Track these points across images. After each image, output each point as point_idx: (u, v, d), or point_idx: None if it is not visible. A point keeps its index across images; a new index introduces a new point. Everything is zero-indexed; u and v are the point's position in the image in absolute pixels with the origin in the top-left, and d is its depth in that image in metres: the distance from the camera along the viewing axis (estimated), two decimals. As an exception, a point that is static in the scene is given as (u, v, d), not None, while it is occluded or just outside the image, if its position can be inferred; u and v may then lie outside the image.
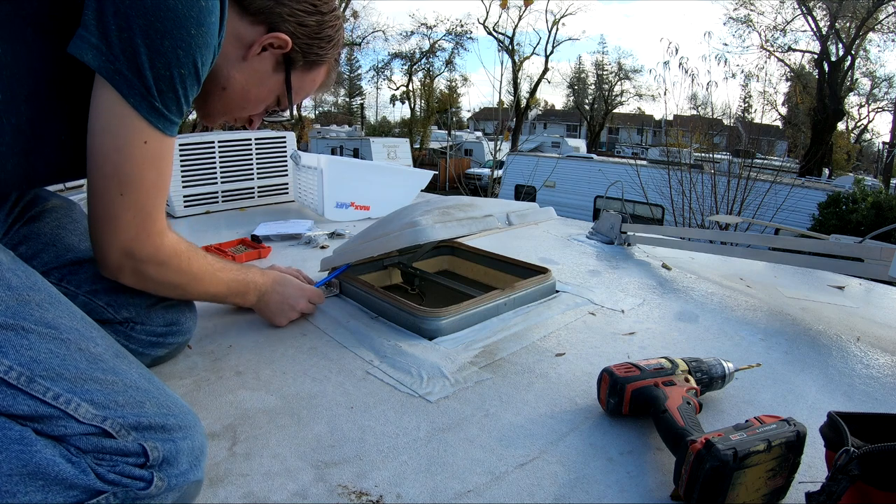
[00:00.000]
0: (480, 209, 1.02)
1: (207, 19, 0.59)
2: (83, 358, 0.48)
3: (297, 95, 0.83)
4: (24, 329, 0.46)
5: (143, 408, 0.48)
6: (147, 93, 0.58)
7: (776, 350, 0.94)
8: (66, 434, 0.44)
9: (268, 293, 0.95)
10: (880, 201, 6.30)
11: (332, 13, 0.80)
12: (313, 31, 0.77)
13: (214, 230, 1.71)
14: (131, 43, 0.55)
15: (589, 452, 0.64)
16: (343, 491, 0.57)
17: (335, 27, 0.81)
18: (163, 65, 0.57)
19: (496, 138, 7.23)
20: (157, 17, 0.55)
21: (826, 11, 15.48)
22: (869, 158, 24.91)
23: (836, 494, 0.46)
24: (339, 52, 0.86)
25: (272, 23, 0.73)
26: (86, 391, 0.46)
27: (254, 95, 0.79)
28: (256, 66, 0.75)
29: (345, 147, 14.87)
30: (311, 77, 0.83)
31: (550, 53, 23.70)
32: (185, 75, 0.60)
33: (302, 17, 0.75)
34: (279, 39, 0.73)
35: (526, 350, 0.90)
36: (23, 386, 0.44)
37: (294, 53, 0.77)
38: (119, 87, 0.57)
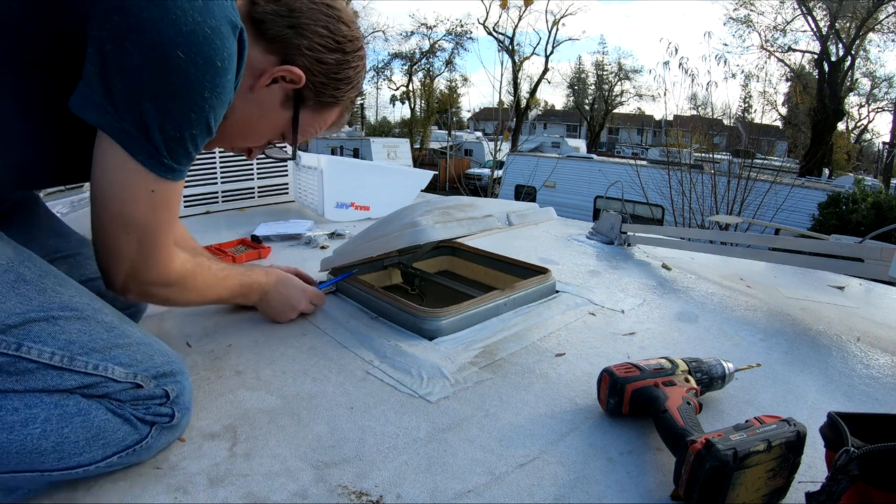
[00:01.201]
0: (480, 209, 1.02)
1: (223, 79, 0.55)
2: (103, 329, 0.56)
3: (303, 134, 0.77)
4: (53, 317, 0.53)
5: (154, 360, 0.59)
6: (156, 152, 0.55)
7: (776, 350, 0.94)
8: (109, 392, 0.55)
9: (270, 292, 0.95)
10: (880, 201, 6.29)
11: (355, 53, 0.73)
12: (331, 70, 0.71)
13: (214, 230, 1.71)
14: (137, 105, 0.52)
15: (589, 452, 0.64)
16: (343, 491, 0.57)
17: (357, 68, 0.74)
18: (173, 127, 0.54)
19: (496, 138, 7.23)
20: (168, 81, 0.51)
21: (826, 11, 15.48)
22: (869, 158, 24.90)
23: (835, 494, 0.46)
24: (357, 93, 0.79)
25: (287, 54, 0.67)
26: (114, 356, 0.55)
27: (256, 128, 0.74)
28: (263, 97, 0.69)
29: (345, 147, 14.87)
30: (322, 117, 0.77)
31: (550, 53, 23.72)
32: (196, 134, 0.57)
33: (321, 54, 0.69)
34: (292, 73, 0.67)
35: (526, 350, 0.90)
36: (66, 365, 0.52)
37: (306, 90, 0.71)
38: (126, 145, 0.54)
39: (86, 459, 0.53)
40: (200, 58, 0.51)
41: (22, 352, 0.50)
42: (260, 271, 0.95)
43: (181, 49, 0.50)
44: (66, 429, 0.51)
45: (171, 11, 0.50)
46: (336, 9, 0.71)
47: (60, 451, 0.51)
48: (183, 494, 0.55)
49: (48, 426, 0.50)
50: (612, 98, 29.88)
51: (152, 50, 0.50)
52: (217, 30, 0.52)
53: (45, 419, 0.50)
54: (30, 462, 0.51)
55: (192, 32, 0.51)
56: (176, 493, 0.55)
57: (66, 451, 0.51)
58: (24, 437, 0.49)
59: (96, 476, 0.57)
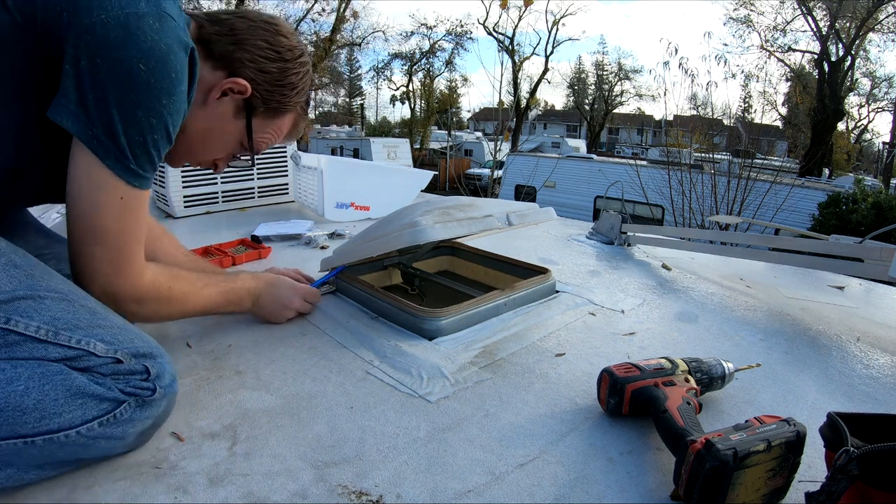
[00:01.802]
0: (480, 209, 1.02)
1: (178, 88, 0.63)
2: (86, 311, 0.61)
3: (261, 142, 0.84)
4: (39, 297, 0.58)
5: (135, 342, 0.62)
6: (122, 156, 0.62)
7: (776, 350, 0.94)
8: (90, 366, 0.58)
9: (261, 296, 0.94)
10: (880, 201, 6.29)
11: (297, 60, 0.81)
12: (274, 79, 0.78)
13: (214, 230, 1.71)
14: (107, 112, 0.59)
15: (589, 452, 0.64)
16: (343, 491, 0.57)
17: (299, 74, 0.82)
18: (136, 132, 0.62)
19: (496, 138, 7.22)
20: (131, 90, 0.59)
21: (826, 11, 15.48)
22: (869, 158, 24.91)
23: (835, 494, 0.46)
24: (307, 99, 0.87)
25: (233, 68, 0.75)
26: (96, 334, 0.59)
27: (215, 140, 0.81)
28: (217, 110, 0.77)
29: (345, 147, 14.88)
30: (275, 124, 0.84)
31: (550, 54, 23.72)
32: (157, 139, 0.64)
33: (263, 64, 0.77)
34: (238, 85, 0.75)
35: (526, 350, 0.90)
36: (51, 339, 0.56)
37: (255, 99, 0.78)
38: (96, 150, 0.61)
39: (66, 421, 0.54)
40: (158, 70, 0.60)
41: (10, 325, 0.55)
42: (246, 276, 0.94)
43: (142, 63, 0.59)
44: (48, 386, 0.54)
45: (132, 32, 0.59)
46: (273, 24, 0.80)
47: (41, 409, 0.53)
48: (183, 494, 0.55)
49: (31, 383, 0.53)
50: (612, 98, 29.90)
51: (118, 64, 0.58)
52: (170, 47, 0.61)
53: (29, 377, 0.53)
54: (12, 422, 0.52)
55: (151, 49, 0.60)
56: (176, 493, 0.55)
57: (47, 409, 0.53)
58: (7, 393, 0.52)
59: (95, 475, 0.58)
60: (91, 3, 0.58)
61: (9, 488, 0.55)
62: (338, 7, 18.42)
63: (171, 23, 0.62)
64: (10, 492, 0.55)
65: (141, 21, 0.59)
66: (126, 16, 0.59)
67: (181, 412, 0.69)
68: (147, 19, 0.60)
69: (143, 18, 0.59)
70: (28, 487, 0.56)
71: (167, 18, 0.62)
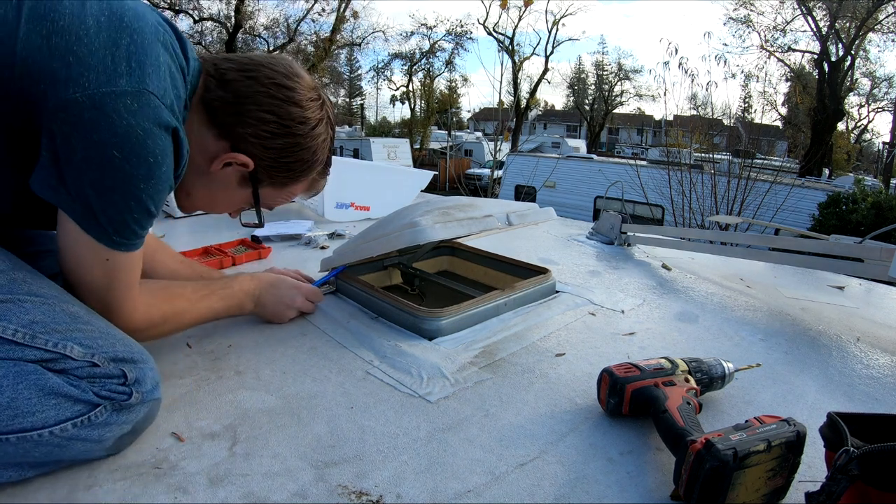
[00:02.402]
0: (480, 209, 1.02)
1: (158, 171, 0.61)
2: (66, 315, 0.60)
3: (270, 206, 0.81)
4: (19, 300, 0.57)
5: (115, 346, 0.61)
6: (104, 232, 0.61)
7: (776, 350, 0.94)
8: (66, 368, 0.57)
9: (263, 296, 0.94)
10: (880, 201, 6.30)
11: (310, 133, 0.73)
12: (280, 155, 0.72)
13: (215, 230, 1.71)
14: (83, 192, 0.58)
15: (589, 452, 0.64)
16: (343, 491, 0.57)
17: (311, 149, 0.75)
18: (115, 212, 0.60)
19: (496, 138, 7.22)
20: (106, 175, 0.57)
21: (826, 11, 15.48)
22: (869, 158, 24.90)
23: (835, 494, 0.46)
24: (326, 165, 0.81)
25: (234, 141, 0.70)
26: (74, 338, 0.58)
27: (221, 202, 0.79)
28: (220, 178, 0.74)
29: (345, 147, 14.88)
30: (285, 191, 0.80)
31: (550, 54, 23.72)
32: (137, 218, 0.62)
33: (267, 140, 0.71)
34: (239, 160, 0.71)
35: (526, 350, 0.90)
36: (27, 342, 0.55)
37: (259, 173, 0.74)
38: (79, 221, 0.60)
39: (39, 420, 0.54)
40: (133, 156, 0.58)
41: None
42: (245, 278, 0.93)
43: (115, 149, 0.56)
44: (21, 384, 0.53)
45: (107, 114, 0.55)
46: (289, 88, 0.71)
47: (15, 407, 0.52)
48: (183, 494, 0.55)
49: (5, 382, 0.53)
50: (612, 98, 29.90)
51: (92, 148, 0.56)
52: (149, 131, 0.58)
53: (3, 375, 0.53)
54: None
55: (126, 133, 0.57)
56: (176, 493, 0.55)
57: (21, 407, 0.53)
58: None
59: (95, 475, 0.58)
60: (69, 77, 0.54)
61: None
62: (338, 7, 18.42)
63: (152, 102, 0.58)
64: (10, 492, 0.55)
65: (117, 102, 0.56)
66: (102, 95, 0.55)
67: (181, 412, 0.69)
68: (124, 99, 0.56)
69: (119, 99, 0.56)
70: (28, 488, 0.56)
71: (148, 97, 0.58)
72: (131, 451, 0.62)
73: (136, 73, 0.58)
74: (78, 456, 0.58)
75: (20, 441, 0.53)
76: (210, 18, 16.63)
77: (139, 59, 0.58)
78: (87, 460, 0.60)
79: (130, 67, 0.57)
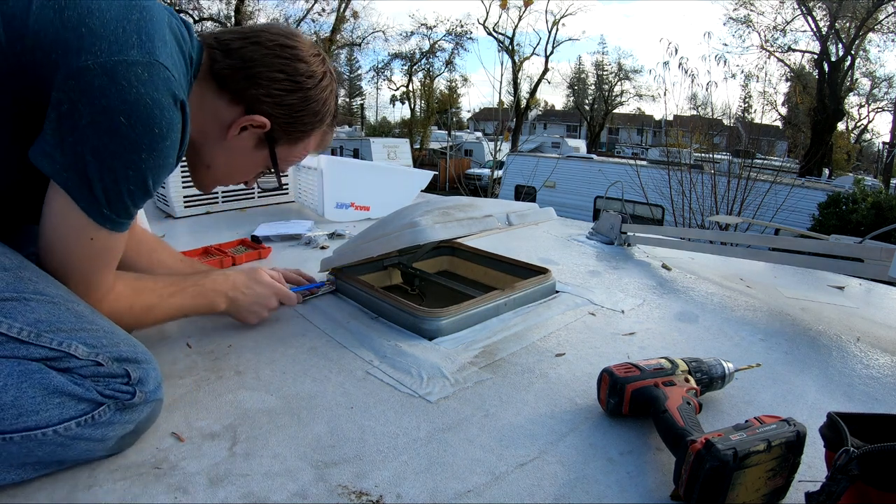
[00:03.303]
0: (480, 209, 1.02)
1: (161, 144, 0.61)
2: (71, 314, 0.60)
3: (286, 165, 0.83)
4: (25, 299, 0.58)
5: (119, 346, 0.62)
6: (96, 202, 0.61)
7: (776, 350, 0.94)
8: (71, 367, 0.58)
9: (236, 296, 0.91)
10: (880, 201, 6.29)
11: (318, 86, 0.77)
12: (294, 110, 0.75)
13: (215, 230, 1.71)
14: (83, 158, 0.58)
15: (589, 452, 0.64)
16: (343, 491, 0.57)
17: (321, 100, 0.78)
18: (111, 180, 0.60)
19: (496, 138, 7.22)
20: (110, 140, 0.58)
21: (826, 11, 15.48)
22: (869, 158, 24.91)
23: (835, 494, 0.46)
24: (334, 115, 0.83)
25: (249, 104, 0.73)
26: (79, 337, 0.59)
27: (240, 170, 0.81)
28: (237, 144, 0.76)
29: (345, 147, 14.87)
30: (300, 147, 0.82)
31: (550, 54, 23.71)
32: (133, 191, 0.62)
33: (280, 97, 0.73)
34: (256, 121, 0.73)
35: (526, 350, 0.90)
36: (33, 340, 0.56)
37: (276, 131, 0.76)
38: (71, 192, 0.60)
39: (43, 419, 0.54)
40: (140, 124, 0.58)
41: None
42: (218, 276, 0.90)
43: (123, 115, 0.57)
44: (25, 384, 0.54)
45: (118, 82, 0.56)
46: (291, 48, 0.75)
47: (19, 406, 0.53)
48: (183, 494, 0.55)
49: (9, 381, 0.53)
50: (612, 98, 29.90)
51: (100, 114, 0.56)
52: (157, 101, 0.59)
53: (7, 374, 0.53)
54: None
55: (135, 101, 0.57)
56: (176, 493, 0.55)
57: (24, 406, 0.53)
58: None
59: (95, 475, 0.58)
60: (81, 47, 0.56)
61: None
62: (338, 7, 18.44)
63: (162, 73, 0.59)
64: (10, 492, 0.55)
65: (129, 71, 0.57)
66: (114, 64, 0.56)
67: (181, 412, 0.69)
68: (135, 69, 0.57)
69: (130, 67, 0.57)
70: (28, 488, 0.56)
71: (158, 68, 0.59)
72: (131, 451, 0.62)
73: (146, 45, 0.59)
74: (80, 455, 0.59)
75: (24, 440, 0.54)
76: (210, 18, 16.65)
77: (149, 32, 0.60)
78: (88, 460, 0.60)
79: (141, 39, 0.59)
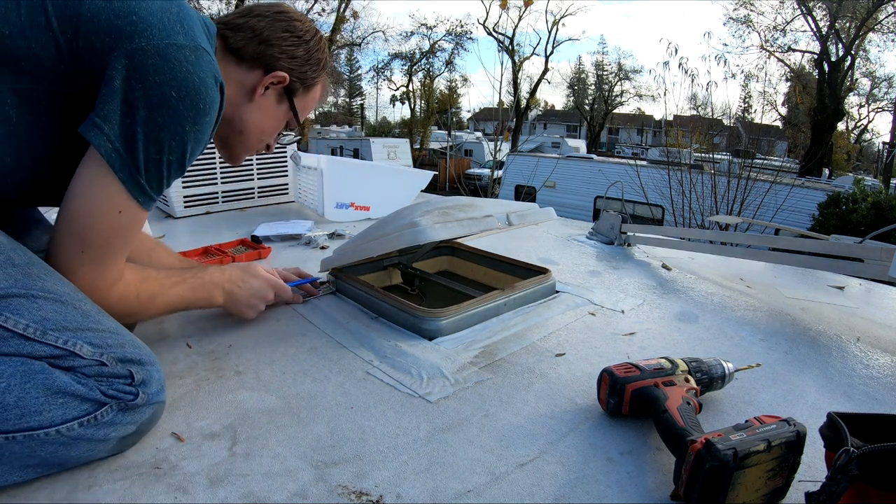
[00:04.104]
0: (480, 209, 1.02)
1: (203, 119, 0.67)
2: (78, 313, 0.61)
3: (303, 114, 0.91)
4: (33, 296, 0.59)
5: (124, 347, 0.63)
6: (136, 170, 0.65)
7: (776, 350, 0.94)
8: (74, 366, 0.59)
9: (232, 289, 0.92)
10: (880, 201, 6.29)
11: (314, 38, 0.88)
12: (304, 60, 0.86)
13: (215, 230, 1.71)
14: (131, 128, 0.62)
15: (589, 452, 0.64)
16: (343, 491, 0.57)
17: (321, 49, 0.89)
18: (155, 150, 0.65)
19: (496, 139, 7.22)
20: (159, 112, 0.63)
21: (826, 11, 15.48)
22: (869, 158, 24.91)
23: (835, 494, 0.46)
24: (329, 64, 0.95)
25: (267, 63, 0.82)
26: (84, 336, 0.60)
27: (268, 128, 0.89)
28: (263, 103, 0.85)
29: (345, 147, 14.87)
30: (311, 97, 0.92)
31: (550, 54, 23.71)
32: (171, 161, 0.67)
33: (291, 51, 0.84)
34: (278, 77, 0.83)
35: (526, 350, 0.90)
36: (38, 338, 0.57)
37: (293, 83, 0.86)
38: (112, 162, 0.63)
39: (46, 420, 0.55)
40: (188, 98, 0.64)
41: (0, 320, 0.56)
42: (214, 270, 0.92)
43: (174, 90, 0.63)
44: (29, 384, 0.54)
45: (169, 61, 0.63)
46: (286, 12, 0.86)
47: (22, 406, 0.53)
48: (183, 494, 0.55)
49: (13, 381, 0.54)
50: (612, 98, 29.91)
51: (152, 88, 0.62)
52: (204, 80, 0.66)
53: (11, 374, 0.54)
54: None
55: (185, 79, 0.64)
56: (176, 493, 0.55)
57: (28, 406, 0.54)
58: None
59: (95, 475, 0.58)
60: (134, 31, 0.62)
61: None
62: (338, 7, 18.43)
63: (206, 57, 0.66)
64: (10, 492, 0.55)
65: (179, 52, 0.63)
66: (166, 46, 0.63)
67: (181, 412, 0.69)
68: (184, 51, 0.64)
69: (181, 50, 0.63)
70: (28, 488, 0.56)
71: (203, 52, 0.66)
72: (131, 451, 0.62)
73: (189, 33, 0.66)
74: (82, 455, 0.59)
75: (27, 440, 0.54)
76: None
77: (188, 22, 0.67)
78: (89, 460, 0.60)
79: (184, 27, 0.66)
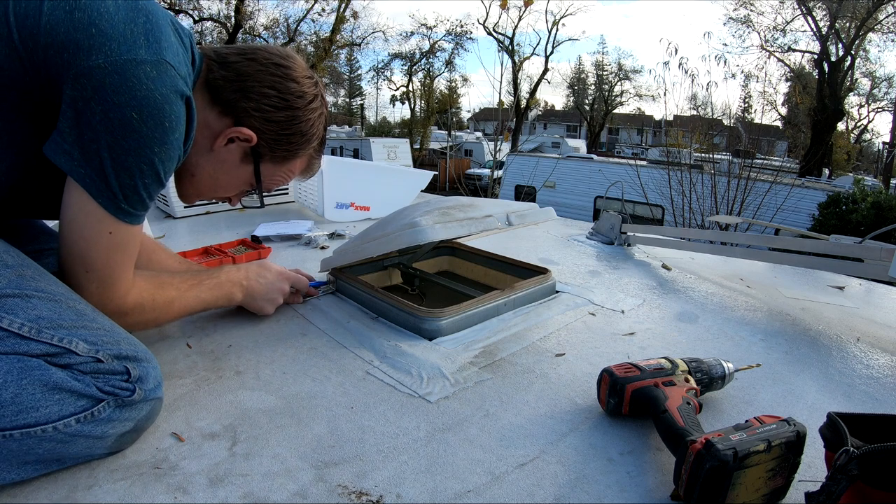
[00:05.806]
0: (480, 209, 1.02)
1: (170, 136, 0.64)
2: (72, 312, 0.61)
3: (270, 185, 0.84)
4: (27, 295, 0.59)
5: (120, 345, 0.63)
6: (113, 196, 0.63)
7: (776, 350, 0.94)
8: (71, 363, 0.58)
9: (251, 285, 0.94)
10: (880, 201, 6.30)
11: (307, 107, 0.79)
12: (281, 128, 0.77)
13: (215, 230, 1.71)
14: (98, 155, 0.60)
15: (589, 452, 0.64)
16: (343, 491, 0.57)
17: (309, 122, 0.80)
18: (127, 176, 0.63)
19: (496, 139, 7.23)
20: (123, 136, 0.60)
21: (826, 11, 15.48)
22: (869, 158, 24.92)
23: (835, 494, 0.46)
24: (322, 140, 0.85)
25: (238, 116, 0.75)
26: (79, 334, 0.60)
27: (223, 183, 0.81)
28: (224, 156, 0.77)
29: (345, 147, 14.86)
30: (285, 168, 0.83)
31: (550, 54, 23.70)
32: (148, 184, 0.65)
33: (269, 113, 0.76)
34: (242, 134, 0.75)
35: (526, 350, 0.90)
36: (33, 336, 0.57)
37: (261, 147, 0.78)
38: (88, 189, 0.62)
39: (43, 416, 0.54)
40: (151, 119, 0.61)
41: None
42: (231, 268, 0.94)
43: (135, 111, 0.60)
44: (25, 380, 0.54)
45: (128, 79, 0.59)
46: (285, 67, 0.78)
47: (19, 402, 0.53)
48: (183, 494, 0.55)
49: (9, 377, 0.53)
50: (612, 98, 29.92)
51: (112, 110, 0.59)
52: (166, 97, 0.62)
53: (7, 371, 0.54)
54: None
55: (145, 97, 0.60)
56: (176, 493, 0.55)
57: (25, 403, 0.53)
58: None
59: (95, 475, 0.58)
60: (92, 46, 0.58)
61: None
62: (338, 7, 18.41)
63: (168, 71, 0.62)
64: (10, 492, 0.55)
65: (138, 69, 0.60)
66: (124, 62, 0.59)
67: (181, 412, 0.69)
68: (144, 67, 0.60)
69: (139, 66, 0.60)
70: (28, 487, 0.56)
71: (165, 67, 0.62)
72: (131, 450, 0.62)
73: (153, 46, 0.62)
74: (80, 453, 0.59)
75: (24, 437, 0.54)
76: (210, 18, 16.63)
77: (155, 34, 0.63)
78: (88, 458, 0.60)
79: (148, 41, 0.62)
